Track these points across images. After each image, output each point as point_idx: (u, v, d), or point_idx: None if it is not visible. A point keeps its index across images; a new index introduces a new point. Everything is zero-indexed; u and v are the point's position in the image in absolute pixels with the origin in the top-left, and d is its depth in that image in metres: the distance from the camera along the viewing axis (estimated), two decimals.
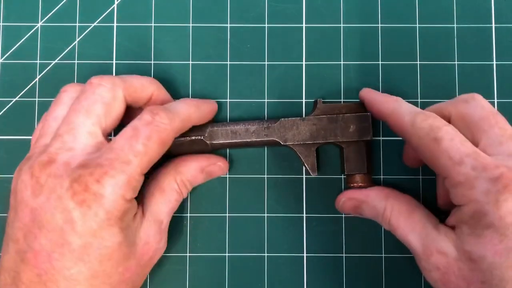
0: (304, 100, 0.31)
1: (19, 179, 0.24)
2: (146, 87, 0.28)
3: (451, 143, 0.23)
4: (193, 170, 0.28)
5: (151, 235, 0.26)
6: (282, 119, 0.29)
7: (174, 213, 0.28)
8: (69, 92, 0.27)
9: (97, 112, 0.25)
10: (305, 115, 0.30)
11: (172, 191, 0.27)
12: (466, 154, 0.23)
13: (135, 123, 0.25)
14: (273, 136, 0.29)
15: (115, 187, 0.23)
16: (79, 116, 0.25)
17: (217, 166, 0.29)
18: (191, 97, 0.31)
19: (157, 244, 0.26)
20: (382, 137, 0.31)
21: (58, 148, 0.24)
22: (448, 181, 0.23)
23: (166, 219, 0.27)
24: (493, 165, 0.22)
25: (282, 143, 0.28)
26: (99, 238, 0.23)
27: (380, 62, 0.31)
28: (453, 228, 0.24)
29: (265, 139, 0.29)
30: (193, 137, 0.28)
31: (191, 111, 0.27)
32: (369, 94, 0.28)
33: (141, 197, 0.27)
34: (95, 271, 0.23)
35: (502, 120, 0.24)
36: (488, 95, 0.31)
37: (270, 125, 0.29)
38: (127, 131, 0.24)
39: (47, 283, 0.22)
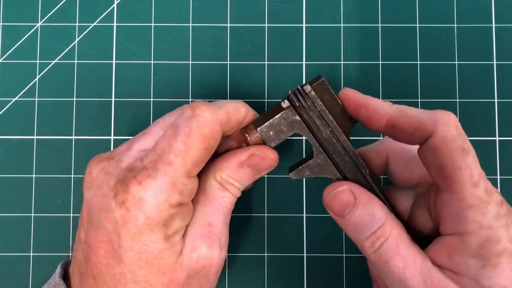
0: None
1: (86, 168, 0.25)
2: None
3: (474, 159, 0.21)
4: (232, 165, 0.25)
5: (199, 242, 0.24)
6: None
7: None
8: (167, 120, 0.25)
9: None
10: None
11: (215, 190, 0.25)
12: (481, 175, 0.21)
13: (176, 120, 0.23)
14: None
15: (157, 191, 0.22)
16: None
17: (256, 157, 0.25)
18: (191, 97, 0.31)
19: (208, 252, 0.24)
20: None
21: (124, 150, 0.24)
22: (458, 202, 0.21)
23: (216, 223, 0.24)
24: (494, 189, 0.21)
25: None
26: (139, 242, 0.22)
27: (380, 62, 0.31)
28: (439, 266, 0.22)
29: None
30: None
31: (239, 105, 0.25)
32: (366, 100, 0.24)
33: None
34: (135, 275, 0.22)
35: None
36: (488, 95, 0.31)
37: None
38: (168, 130, 0.23)
39: (96, 278, 0.22)
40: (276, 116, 0.24)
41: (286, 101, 0.24)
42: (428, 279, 0.21)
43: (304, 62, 0.31)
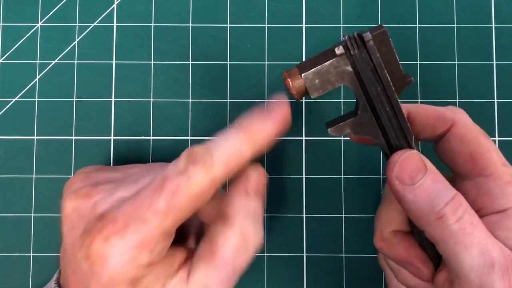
0: (304, 100, 0.31)
1: (65, 195, 0.23)
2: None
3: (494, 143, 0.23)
4: (243, 206, 0.23)
5: None
6: None
7: None
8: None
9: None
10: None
11: (227, 255, 0.22)
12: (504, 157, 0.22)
13: (167, 170, 0.21)
14: None
15: (123, 249, 0.20)
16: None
17: (253, 181, 0.23)
18: (191, 97, 0.31)
19: None
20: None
21: (105, 193, 0.22)
22: (495, 181, 0.21)
23: None
24: None
25: None
26: None
27: None
28: None
29: None
30: None
31: (242, 144, 0.22)
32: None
33: (192, 255, 0.23)
34: None
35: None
36: (488, 95, 0.31)
37: None
38: (155, 180, 0.21)
39: None
40: (326, 63, 0.21)
41: (341, 47, 0.21)
42: (505, 251, 0.19)
43: None
